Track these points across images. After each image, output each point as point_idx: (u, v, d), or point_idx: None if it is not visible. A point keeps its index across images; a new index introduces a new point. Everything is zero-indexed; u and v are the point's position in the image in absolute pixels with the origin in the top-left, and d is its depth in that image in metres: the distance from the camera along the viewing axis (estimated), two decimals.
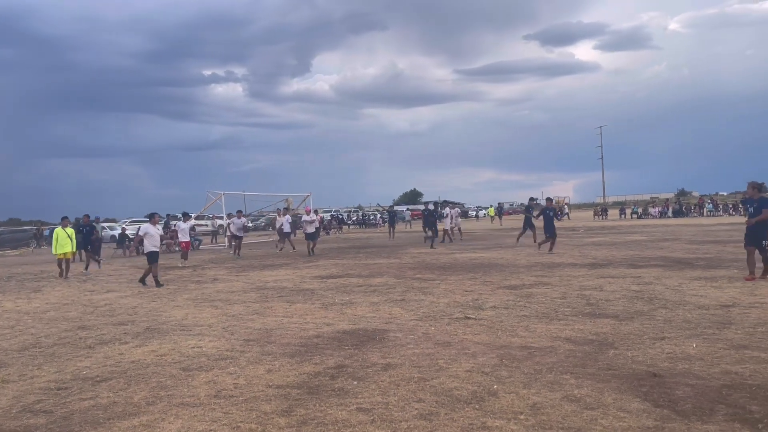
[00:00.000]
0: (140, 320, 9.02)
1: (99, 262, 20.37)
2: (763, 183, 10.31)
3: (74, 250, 18.19)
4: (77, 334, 8.14)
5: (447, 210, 25.95)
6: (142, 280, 13.80)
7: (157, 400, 5.03)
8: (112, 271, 18.49)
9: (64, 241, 17.10)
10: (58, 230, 17.37)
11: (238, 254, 21.97)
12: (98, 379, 5.79)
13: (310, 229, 21.59)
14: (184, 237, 20.25)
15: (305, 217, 22.25)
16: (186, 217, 21.05)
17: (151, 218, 14.34)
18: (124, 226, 35.75)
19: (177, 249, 26.29)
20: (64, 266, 17.02)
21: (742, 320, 7.17)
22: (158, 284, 13.29)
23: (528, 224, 22.31)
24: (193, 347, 6.97)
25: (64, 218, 18.19)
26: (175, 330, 8.10)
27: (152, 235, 13.86)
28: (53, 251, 17.35)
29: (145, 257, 14.05)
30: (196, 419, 4.53)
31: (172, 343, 7.28)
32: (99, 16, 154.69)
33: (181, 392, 5.23)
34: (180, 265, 18.79)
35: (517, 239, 23.03)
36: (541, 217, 18.48)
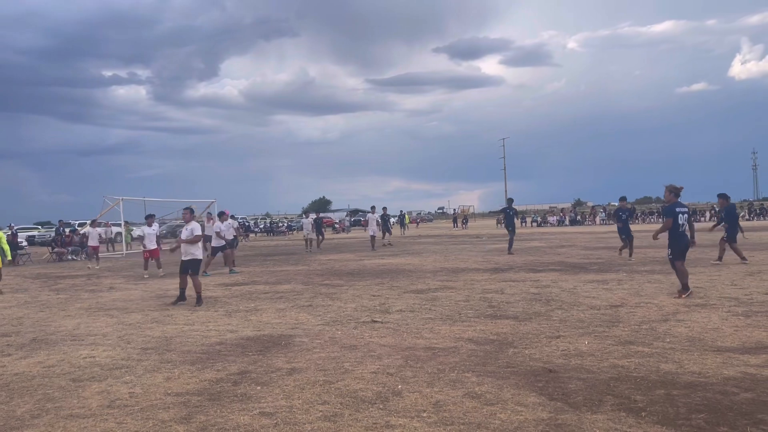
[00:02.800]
0: (26, 331, 8.40)
1: None
2: (681, 187, 9.80)
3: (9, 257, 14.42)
4: None
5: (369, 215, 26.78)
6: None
7: (43, 413, 4.70)
8: None
9: None
10: None
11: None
12: None
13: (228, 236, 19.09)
14: (151, 244, 17.22)
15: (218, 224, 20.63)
16: (150, 218, 17.61)
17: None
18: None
19: (70, 258, 24.81)
20: None
21: (629, 319, 7.66)
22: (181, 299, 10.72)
23: (510, 226, 20.28)
24: (85, 357, 6.58)
25: None
26: (65, 340, 7.61)
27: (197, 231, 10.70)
28: None
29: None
30: (86, 430, 4.27)
31: (61, 353, 6.83)
32: None
33: (70, 404, 4.92)
34: (146, 276, 16.37)
35: (510, 248, 19.98)
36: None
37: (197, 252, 10.51)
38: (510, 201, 21.28)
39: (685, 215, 9.61)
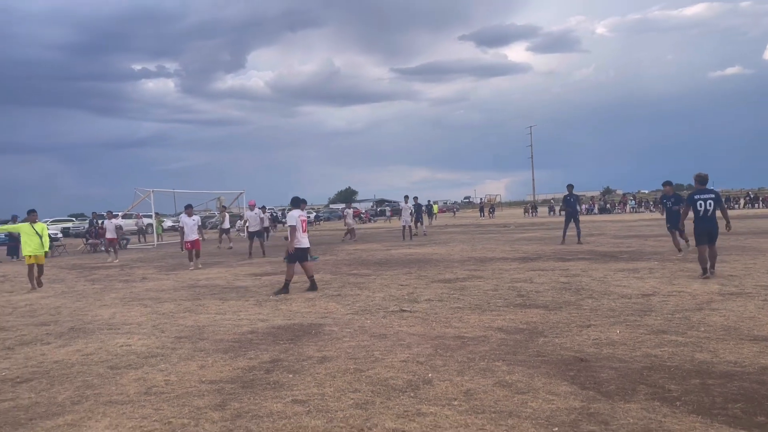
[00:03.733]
0: (64, 320, 8.63)
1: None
2: (707, 174, 10.39)
3: (47, 249, 13.26)
4: None
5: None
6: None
7: (83, 399, 4.84)
8: None
9: (30, 239, 12.95)
10: (23, 226, 13.28)
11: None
12: (18, 380, 5.51)
13: (252, 227, 19.19)
14: (192, 234, 16.61)
15: (247, 213, 19.96)
16: (188, 209, 17.43)
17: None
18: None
19: (102, 249, 25.29)
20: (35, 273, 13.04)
21: (662, 307, 7.56)
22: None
23: (572, 216, 18.87)
24: (122, 345, 6.74)
25: (31, 211, 13.42)
26: (101, 329, 7.79)
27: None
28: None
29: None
30: (125, 416, 4.38)
31: (98, 342, 7.00)
32: (16, 6, 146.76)
33: (108, 390, 5.05)
34: (192, 268, 15.92)
35: (563, 237, 18.99)
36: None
37: (304, 240, 10.49)
38: (570, 187, 19.03)
39: (708, 201, 10.16)
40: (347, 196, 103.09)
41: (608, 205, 58.30)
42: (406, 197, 25.66)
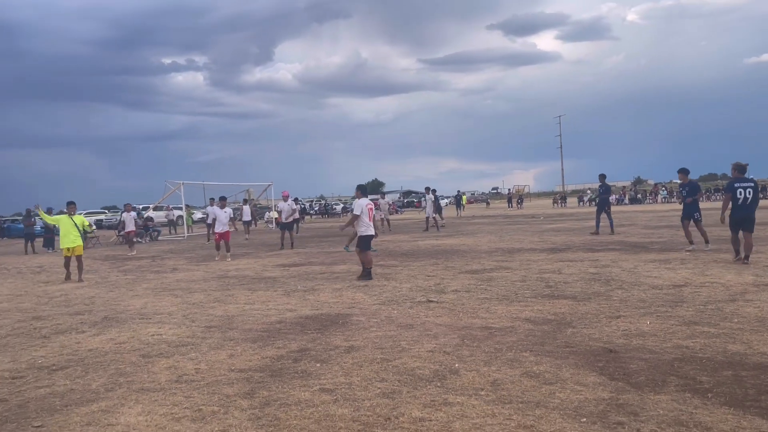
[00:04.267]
0: (98, 310, 8.83)
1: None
2: (747, 164, 10.51)
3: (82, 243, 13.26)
4: (32, 324, 7.93)
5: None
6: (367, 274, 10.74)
7: (116, 387, 4.95)
8: None
9: (69, 231, 12.83)
10: (63, 218, 13.21)
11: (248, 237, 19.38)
12: (54, 367, 5.66)
13: (285, 218, 18.98)
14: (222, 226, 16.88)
15: (281, 204, 19.76)
16: (222, 201, 17.55)
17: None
18: None
19: (122, 240, 25.48)
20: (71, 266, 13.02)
21: (694, 298, 7.42)
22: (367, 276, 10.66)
23: (604, 209, 18.52)
24: (153, 335, 6.87)
25: (70, 203, 13.28)
26: (134, 318, 7.95)
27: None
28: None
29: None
30: (156, 403, 4.48)
31: (131, 331, 7.15)
32: (51, 3, 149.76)
33: (140, 378, 5.16)
34: (218, 258, 16.28)
35: (612, 229, 18.35)
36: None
37: (370, 229, 10.87)
38: (602, 177, 18.56)
39: (747, 189, 10.24)
40: (374, 187, 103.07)
41: (639, 195, 57.33)
42: (428, 189, 25.39)
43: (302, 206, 51.25)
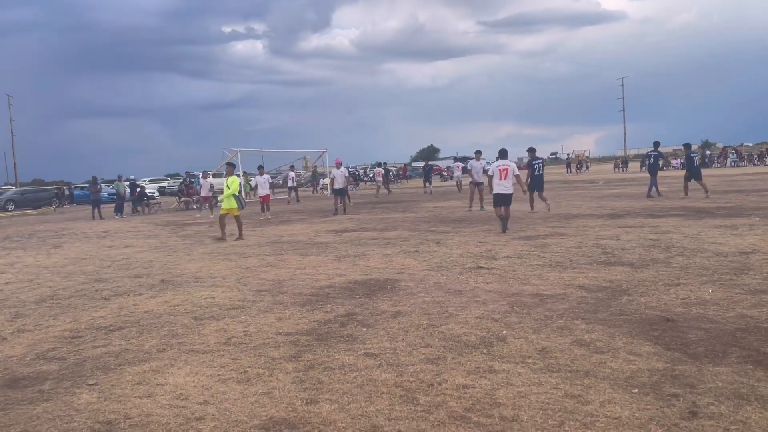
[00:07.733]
0: (155, 273, 9.10)
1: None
2: None
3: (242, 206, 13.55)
4: (94, 286, 8.25)
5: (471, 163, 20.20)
6: None
7: (168, 348, 5.08)
8: (131, 228, 18.68)
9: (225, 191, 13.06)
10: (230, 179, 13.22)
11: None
12: (111, 328, 5.87)
13: (338, 185, 19.61)
14: (263, 190, 20.37)
15: (334, 171, 20.58)
16: (260, 169, 21.60)
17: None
18: (143, 184, 36.02)
19: (194, 207, 26.42)
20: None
21: (761, 266, 7.02)
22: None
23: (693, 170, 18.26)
24: (206, 298, 7.02)
25: (229, 164, 13.99)
26: (189, 282, 8.16)
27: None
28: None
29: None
30: (204, 365, 4.57)
31: (185, 294, 7.33)
32: None
33: (191, 340, 5.28)
34: (262, 218, 19.10)
35: (706, 191, 17.98)
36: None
37: (501, 187, 11.94)
38: (656, 144, 19.66)
39: None
40: (429, 153, 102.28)
41: (706, 159, 54.80)
42: (478, 152, 20.00)
43: (356, 173, 51.53)
